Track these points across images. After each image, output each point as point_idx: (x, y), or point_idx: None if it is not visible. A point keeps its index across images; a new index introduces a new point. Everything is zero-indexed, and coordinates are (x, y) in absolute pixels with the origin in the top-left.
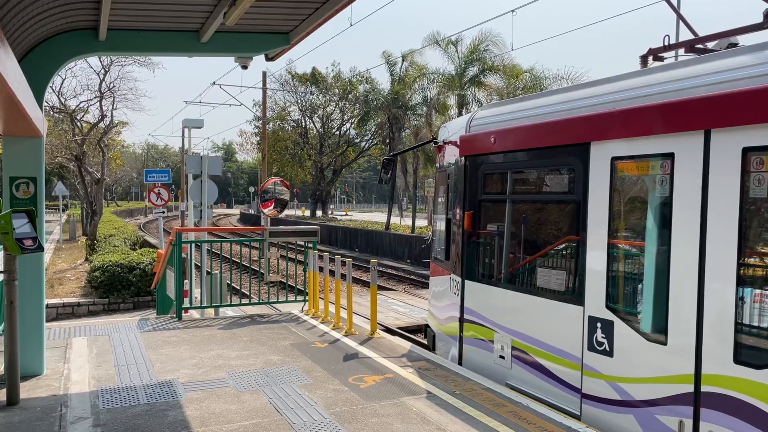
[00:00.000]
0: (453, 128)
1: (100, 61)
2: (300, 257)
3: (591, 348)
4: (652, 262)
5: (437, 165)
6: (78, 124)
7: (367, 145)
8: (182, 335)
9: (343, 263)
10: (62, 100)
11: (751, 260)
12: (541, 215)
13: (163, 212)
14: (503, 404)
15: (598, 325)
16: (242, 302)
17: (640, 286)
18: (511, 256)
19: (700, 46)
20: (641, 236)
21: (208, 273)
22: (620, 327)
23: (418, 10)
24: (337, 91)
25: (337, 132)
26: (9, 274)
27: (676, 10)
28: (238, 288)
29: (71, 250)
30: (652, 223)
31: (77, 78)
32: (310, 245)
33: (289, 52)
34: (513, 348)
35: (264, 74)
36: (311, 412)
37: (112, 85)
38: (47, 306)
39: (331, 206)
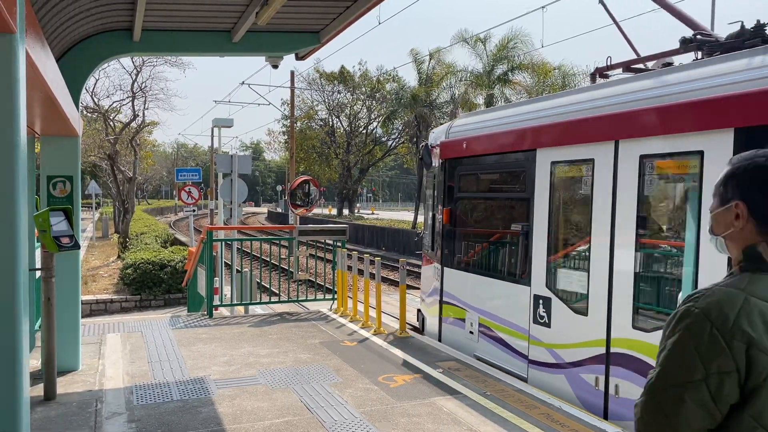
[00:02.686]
0: (438, 134)
1: (132, 62)
2: (328, 256)
3: (535, 321)
4: (579, 249)
5: None
6: (111, 123)
7: (394, 143)
8: (213, 332)
9: (372, 262)
10: (96, 100)
11: (645, 249)
12: (500, 211)
13: (194, 210)
14: (535, 406)
15: (540, 301)
16: (271, 300)
17: (570, 269)
18: (477, 245)
19: (638, 66)
20: (572, 228)
21: (238, 271)
22: (556, 303)
23: (447, 8)
24: (364, 89)
25: (364, 131)
26: (47, 272)
27: (622, 31)
28: (267, 286)
29: (104, 248)
30: (578, 217)
31: (110, 78)
32: (339, 244)
33: (317, 51)
34: (480, 324)
35: (292, 73)
36: (342, 410)
37: (143, 85)
38: (81, 302)
39: (358, 205)
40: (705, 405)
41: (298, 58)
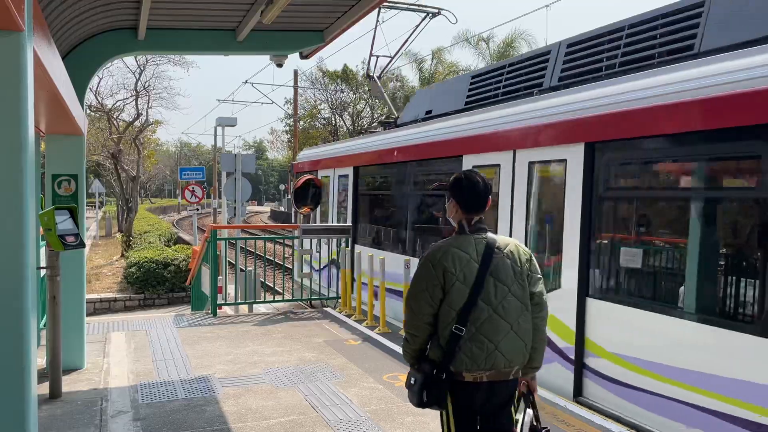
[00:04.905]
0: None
1: (136, 61)
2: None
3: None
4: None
5: None
6: (114, 122)
7: None
8: (217, 331)
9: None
10: (99, 99)
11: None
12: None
13: (197, 209)
14: (541, 406)
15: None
16: (275, 299)
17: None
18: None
19: (390, 125)
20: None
21: (241, 270)
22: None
23: (452, 7)
24: (367, 88)
25: (367, 129)
26: (52, 270)
27: (389, 103)
28: (271, 285)
29: (107, 246)
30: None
31: (113, 77)
32: (343, 242)
33: (320, 51)
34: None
35: (296, 72)
36: (347, 409)
37: (147, 84)
38: (86, 301)
39: None
40: (428, 301)
41: (303, 57)
